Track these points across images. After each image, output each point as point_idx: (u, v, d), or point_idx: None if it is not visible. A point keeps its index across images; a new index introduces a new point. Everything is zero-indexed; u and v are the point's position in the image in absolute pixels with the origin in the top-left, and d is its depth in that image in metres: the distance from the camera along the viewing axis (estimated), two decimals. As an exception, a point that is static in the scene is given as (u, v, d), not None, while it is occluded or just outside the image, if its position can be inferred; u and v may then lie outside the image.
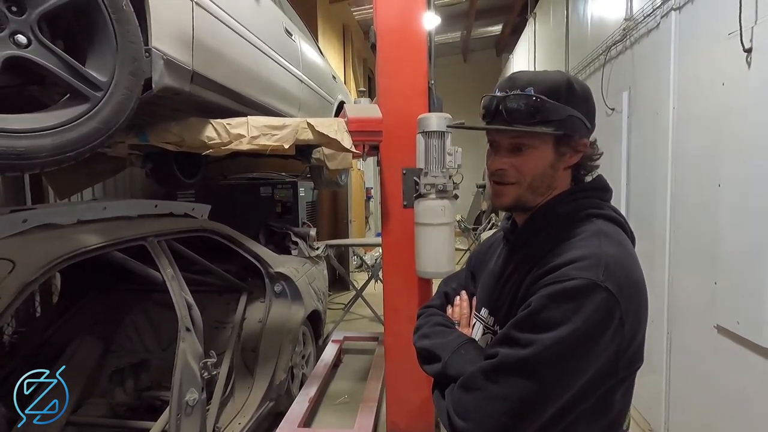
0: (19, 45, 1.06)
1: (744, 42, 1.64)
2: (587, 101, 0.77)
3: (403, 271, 2.13)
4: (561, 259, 0.69)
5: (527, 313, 0.67)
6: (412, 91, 2.11)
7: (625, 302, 0.65)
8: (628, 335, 0.66)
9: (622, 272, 0.67)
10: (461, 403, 0.69)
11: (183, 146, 1.84)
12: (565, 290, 0.65)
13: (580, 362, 0.64)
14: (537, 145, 0.74)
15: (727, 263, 1.78)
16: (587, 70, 3.46)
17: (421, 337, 0.87)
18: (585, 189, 0.80)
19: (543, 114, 0.72)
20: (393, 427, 2.22)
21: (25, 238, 1.46)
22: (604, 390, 0.69)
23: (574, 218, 0.75)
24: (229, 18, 1.91)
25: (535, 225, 0.80)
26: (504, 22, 8.63)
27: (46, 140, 1.10)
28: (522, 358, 0.65)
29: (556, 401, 0.65)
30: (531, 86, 0.72)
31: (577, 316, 0.63)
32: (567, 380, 0.65)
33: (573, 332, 0.63)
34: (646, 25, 2.47)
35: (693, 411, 2.07)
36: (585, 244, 0.70)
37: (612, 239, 0.71)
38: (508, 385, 0.65)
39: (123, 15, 1.25)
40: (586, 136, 0.77)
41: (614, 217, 0.77)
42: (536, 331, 0.65)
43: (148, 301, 2.49)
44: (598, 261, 0.66)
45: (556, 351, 0.63)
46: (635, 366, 0.71)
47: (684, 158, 2.13)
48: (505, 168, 0.76)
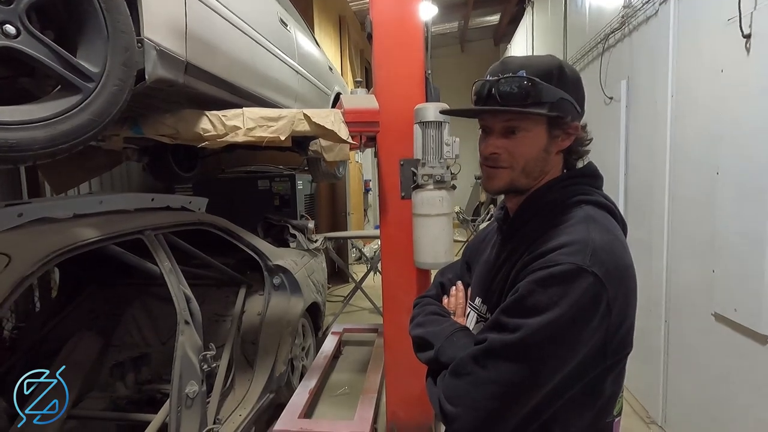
0: (8, 35, 1.04)
1: (743, 28, 1.62)
2: (577, 85, 0.77)
3: (401, 262, 2.13)
4: (549, 245, 0.69)
5: (515, 299, 0.67)
6: (409, 81, 2.09)
7: (612, 287, 0.65)
8: (615, 321, 0.67)
9: (609, 258, 0.66)
10: (451, 388, 0.70)
11: (178, 138, 1.82)
12: (551, 275, 0.65)
13: (567, 346, 0.65)
14: (530, 128, 0.74)
15: (725, 251, 1.78)
16: (585, 59, 3.43)
17: (416, 326, 0.88)
18: (575, 176, 0.80)
19: (535, 96, 0.72)
20: (393, 418, 2.24)
21: (21, 233, 1.45)
22: (593, 376, 0.69)
23: (564, 204, 0.75)
24: (222, 8, 1.88)
25: (526, 213, 0.80)
26: (502, 11, 8.56)
27: (39, 132, 1.09)
28: (510, 343, 0.65)
29: (545, 385, 0.65)
30: (523, 69, 0.72)
31: (564, 300, 0.63)
32: (555, 364, 0.65)
33: (560, 316, 0.63)
34: (644, 12, 2.45)
35: (691, 398, 2.09)
36: (573, 230, 0.70)
37: (600, 225, 0.71)
38: (496, 369, 0.66)
39: (113, 4, 1.23)
40: (577, 119, 0.77)
41: (604, 203, 0.76)
42: (524, 315, 0.65)
43: (147, 294, 2.49)
44: (585, 246, 0.66)
45: (543, 335, 0.64)
46: (624, 352, 0.71)
47: (683, 146, 2.13)
48: (499, 152, 0.76)
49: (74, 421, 1.92)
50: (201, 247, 2.21)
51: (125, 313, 2.45)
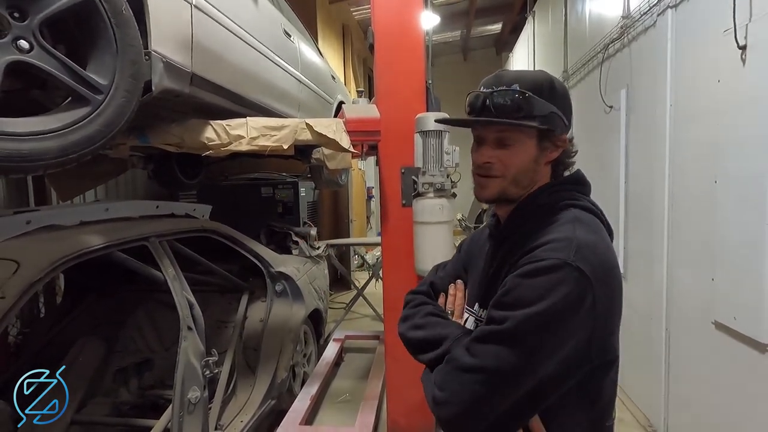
0: (22, 50, 1.08)
1: (738, 39, 1.65)
2: (565, 99, 0.80)
3: (402, 269, 2.14)
4: (536, 242, 0.72)
5: (502, 293, 0.71)
6: (410, 90, 2.12)
7: (597, 284, 0.67)
8: (600, 318, 0.69)
9: (593, 256, 0.69)
10: (441, 375, 0.73)
11: (183, 147, 1.86)
12: (536, 269, 0.68)
13: (552, 338, 0.67)
14: (522, 140, 0.77)
15: (725, 259, 1.79)
16: (586, 68, 3.46)
17: (414, 328, 0.87)
18: (564, 182, 0.84)
19: (528, 109, 0.75)
20: (394, 425, 2.24)
21: (28, 239, 1.48)
22: (582, 377, 0.71)
23: (553, 208, 0.79)
24: (227, 20, 1.93)
25: (517, 219, 0.82)
26: (504, 20, 8.64)
27: (50, 143, 1.13)
28: (496, 332, 0.68)
29: (530, 376, 0.67)
30: (516, 83, 0.76)
31: (551, 293, 0.66)
32: (540, 355, 0.67)
33: (546, 309, 0.66)
34: (643, 23, 2.48)
35: (692, 407, 2.08)
36: (559, 229, 0.73)
37: (586, 225, 0.74)
38: (483, 355, 0.69)
39: (123, 19, 1.27)
40: (565, 132, 0.80)
41: (590, 208, 0.80)
42: (510, 308, 0.68)
43: (150, 301, 2.51)
44: (569, 243, 0.69)
45: (528, 326, 0.66)
46: (609, 355, 0.73)
47: (681, 155, 2.14)
48: (492, 161, 0.79)
49: (78, 426, 1.94)
50: (204, 253, 2.23)
51: (129, 319, 2.47)
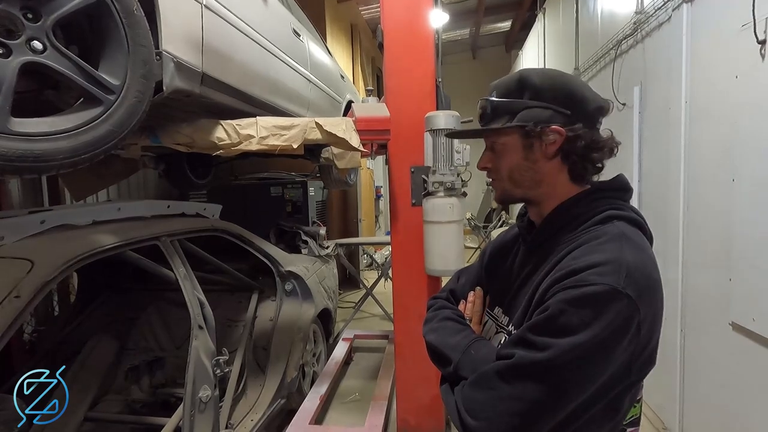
0: (35, 51, 1.09)
1: (758, 34, 1.61)
2: (554, 88, 0.75)
3: (412, 269, 2.13)
4: (580, 263, 0.67)
5: (545, 317, 0.66)
6: (419, 89, 2.11)
7: (644, 308, 0.64)
8: (643, 340, 0.66)
9: (642, 278, 0.65)
10: (473, 401, 0.69)
11: (194, 147, 1.87)
12: (584, 295, 0.63)
13: (596, 368, 0.64)
14: (504, 141, 0.79)
15: (742, 259, 1.74)
16: (598, 65, 3.41)
17: (430, 331, 0.89)
18: (604, 188, 0.78)
19: (498, 112, 0.78)
20: (403, 425, 2.23)
21: (42, 239, 1.50)
22: (615, 394, 0.68)
23: (593, 219, 0.74)
24: (237, 20, 1.93)
25: (553, 226, 0.79)
26: (513, 18, 8.56)
27: (62, 143, 1.14)
28: (538, 361, 0.64)
29: (569, 405, 0.65)
30: (495, 90, 0.80)
31: (597, 322, 0.62)
32: (582, 385, 0.64)
33: (591, 338, 0.62)
34: (657, 18, 2.43)
35: (708, 409, 2.04)
36: (606, 248, 0.68)
37: (633, 243, 0.69)
38: (522, 386, 0.65)
39: (134, 19, 1.28)
40: (557, 122, 0.74)
41: (635, 219, 0.75)
42: (554, 335, 0.64)
43: (162, 299, 2.54)
44: (619, 266, 0.65)
45: (573, 356, 0.63)
46: (647, 369, 0.70)
47: (697, 153, 2.10)
48: (488, 166, 0.83)
49: (90, 423, 1.97)
50: (215, 252, 2.25)
51: (140, 318, 2.49)
